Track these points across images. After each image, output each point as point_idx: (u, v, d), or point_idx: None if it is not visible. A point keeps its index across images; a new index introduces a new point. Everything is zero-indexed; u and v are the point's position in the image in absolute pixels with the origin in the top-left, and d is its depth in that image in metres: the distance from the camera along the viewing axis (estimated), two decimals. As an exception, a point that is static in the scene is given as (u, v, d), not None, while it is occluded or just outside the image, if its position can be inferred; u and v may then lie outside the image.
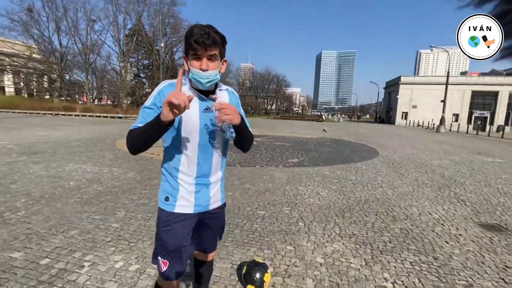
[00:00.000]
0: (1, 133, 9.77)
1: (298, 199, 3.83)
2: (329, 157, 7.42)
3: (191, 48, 1.05)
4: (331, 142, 11.50)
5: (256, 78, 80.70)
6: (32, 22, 32.44)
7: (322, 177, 5.13)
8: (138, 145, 1.05)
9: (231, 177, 4.83)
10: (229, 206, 3.40)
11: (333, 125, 27.98)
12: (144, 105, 1.11)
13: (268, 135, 13.22)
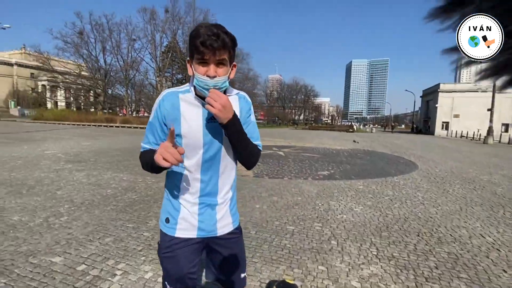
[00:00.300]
0: (53, 143, 10.82)
1: (330, 214, 3.63)
2: (362, 170, 7.03)
3: (196, 52, 0.90)
4: (364, 153, 10.95)
5: (284, 89, 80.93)
6: (82, 43, 36.23)
7: (355, 192, 4.84)
8: (151, 172, 1.01)
9: (259, 189, 4.76)
10: (257, 219, 3.32)
11: (365, 136, 26.79)
12: (149, 120, 1.03)
13: (296, 146, 13.00)
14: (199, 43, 0.88)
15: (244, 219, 3.32)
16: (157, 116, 0.99)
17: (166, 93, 1.01)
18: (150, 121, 1.02)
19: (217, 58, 0.91)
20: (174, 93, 1.00)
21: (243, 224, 3.17)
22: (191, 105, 0.98)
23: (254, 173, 6.10)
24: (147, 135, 1.03)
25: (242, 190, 4.66)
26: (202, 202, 1.04)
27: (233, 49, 0.95)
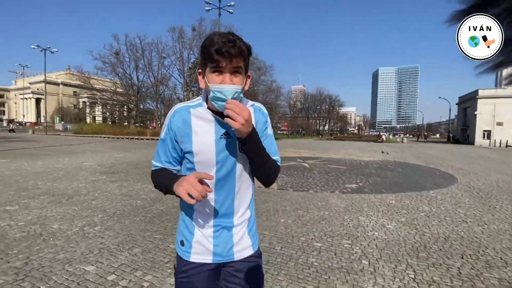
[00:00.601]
0: (90, 155, 11.63)
1: (360, 231, 3.42)
2: (394, 183, 6.63)
3: (210, 60, 0.84)
4: (395, 165, 10.36)
5: (308, 99, 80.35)
6: (118, 62, 39.23)
7: (387, 207, 4.55)
8: (163, 193, 0.96)
9: (283, 202, 4.66)
10: (282, 235, 3.23)
11: (395, 146, 25.46)
12: (160, 137, 0.98)
13: (321, 157, 12.68)
14: (213, 50, 0.82)
15: (268, 233, 3.25)
16: (168, 133, 0.94)
17: (177, 108, 0.95)
18: (161, 138, 0.97)
19: (233, 66, 0.85)
20: (185, 108, 0.94)
21: (268, 239, 3.10)
22: (203, 120, 0.93)
23: (278, 186, 6.01)
24: (158, 153, 0.98)
25: (266, 203, 4.60)
26: (217, 224, 0.97)
27: (248, 58, 0.90)
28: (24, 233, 3.12)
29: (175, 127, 0.93)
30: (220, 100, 0.84)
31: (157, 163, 0.99)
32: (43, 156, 10.79)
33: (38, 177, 6.42)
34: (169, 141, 0.95)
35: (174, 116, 0.94)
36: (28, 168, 7.70)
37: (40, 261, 2.48)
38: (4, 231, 3.16)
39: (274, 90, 47.58)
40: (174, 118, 0.93)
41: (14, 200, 4.45)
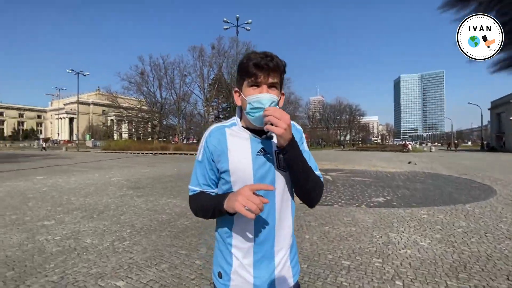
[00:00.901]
0: (117, 170, 12.20)
1: (391, 249, 3.24)
2: (424, 196, 6.26)
3: (248, 75, 0.85)
4: (425, 177, 9.82)
5: (327, 109, 79.43)
6: (143, 82, 41.56)
7: (419, 222, 4.29)
8: (205, 218, 0.93)
9: (307, 217, 4.55)
10: (307, 252, 3.14)
11: (423, 156, 24.20)
12: (196, 158, 0.95)
13: (344, 169, 12.32)
14: (252, 65, 0.84)
15: (294, 250, 3.17)
16: (205, 153, 0.92)
17: (212, 128, 0.95)
18: (198, 160, 0.94)
19: (270, 81, 0.85)
20: (220, 128, 0.94)
21: (294, 256, 3.01)
22: (238, 138, 0.91)
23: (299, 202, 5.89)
24: (196, 176, 0.95)
25: (290, 218, 4.51)
26: (257, 251, 0.89)
27: (283, 75, 0.91)
28: (59, 247, 3.29)
29: (211, 147, 0.91)
30: (257, 109, 0.83)
31: (195, 187, 0.95)
32: (75, 172, 11.48)
33: (72, 192, 6.81)
34: (206, 162, 0.92)
35: (209, 136, 0.92)
36: (63, 184, 8.20)
37: (75, 276, 2.59)
38: (42, 245, 3.35)
39: (292, 102, 47.68)
40: (210, 138, 0.92)
41: (50, 215, 4.73)
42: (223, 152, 0.89)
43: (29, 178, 9.43)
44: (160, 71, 41.69)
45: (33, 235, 3.68)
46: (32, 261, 2.89)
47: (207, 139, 0.93)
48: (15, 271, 2.66)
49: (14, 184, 8.01)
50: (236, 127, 0.93)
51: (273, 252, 0.91)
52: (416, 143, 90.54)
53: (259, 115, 0.83)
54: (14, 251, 3.14)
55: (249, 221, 0.87)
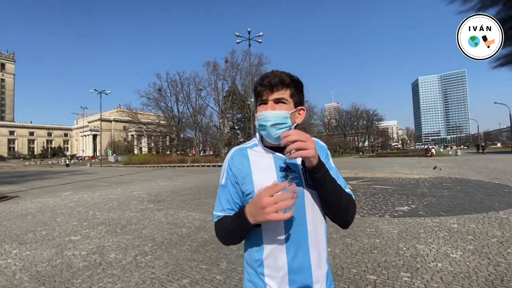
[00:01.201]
0: (138, 184, 12.56)
1: (419, 262, 3.07)
2: (453, 204, 5.92)
3: (256, 94, 0.88)
4: (452, 183, 9.31)
5: (343, 116, 78.20)
6: (160, 98, 43.23)
7: (448, 232, 4.05)
8: (234, 242, 0.85)
9: (328, 229, 4.37)
10: (331, 266, 3.03)
11: (448, 160, 23.01)
12: (220, 183, 0.92)
13: (364, 177, 11.95)
14: (257, 85, 0.87)
15: (316, 264, 3.08)
16: (228, 177, 0.89)
17: (234, 151, 0.93)
18: (222, 184, 0.91)
19: (275, 97, 0.85)
20: (242, 149, 0.92)
21: (316, 270, 2.92)
22: (261, 158, 0.88)
23: (321, 210, 5.75)
24: (220, 201, 0.90)
25: (310, 229, 4.41)
26: (293, 280, 0.82)
27: (296, 89, 0.88)
28: (86, 262, 3.40)
29: (234, 169, 0.88)
30: (263, 126, 0.83)
31: (219, 212, 0.90)
32: (99, 187, 11.94)
33: (96, 207, 7.07)
34: (230, 185, 0.89)
35: (232, 159, 0.91)
36: (88, 199, 8.55)
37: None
38: (70, 260, 3.48)
39: (306, 110, 47.51)
40: (233, 160, 0.90)
41: (77, 230, 4.93)
42: (247, 174, 0.86)
43: (57, 194, 9.92)
44: (177, 86, 43.25)
45: (61, 250, 3.84)
46: (61, 277, 3.00)
47: (229, 162, 0.91)
48: (45, 286, 2.77)
49: (44, 201, 8.45)
50: (258, 147, 0.92)
51: (310, 283, 0.83)
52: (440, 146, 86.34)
53: (263, 134, 0.86)
54: (44, 267, 3.29)
55: (279, 250, 0.82)
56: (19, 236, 4.64)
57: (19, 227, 5.22)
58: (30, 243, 4.23)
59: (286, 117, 0.83)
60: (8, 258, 3.59)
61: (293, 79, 0.88)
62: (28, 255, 3.71)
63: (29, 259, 3.54)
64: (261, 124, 0.84)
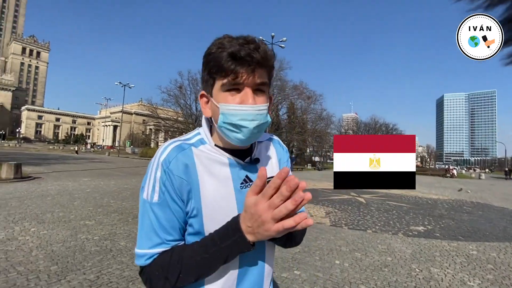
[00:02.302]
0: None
1: (433, 286, 2.92)
2: (473, 229, 5.61)
3: (221, 72, 0.56)
4: (473, 207, 8.83)
5: (361, 127, 76.59)
6: (180, 95, 44.19)
7: (466, 258, 3.83)
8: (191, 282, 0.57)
9: (338, 241, 4.31)
10: (337, 279, 2.95)
11: (470, 183, 21.90)
12: (149, 200, 0.58)
13: (379, 192, 11.59)
14: (227, 56, 0.55)
15: (322, 276, 3.01)
16: (166, 190, 0.57)
17: (172, 149, 0.60)
18: (155, 202, 0.58)
19: (256, 81, 0.57)
20: (183, 148, 0.61)
21: (322, 282, 2.86)
22: (213, 163, 0.62)
23: (331, 222, 5.63)
24: (153, 230, 0.57)
25: (318, 240, 4.32)
26: None
27: (273, 71, 0.63)
28: (97, 247, 3.51)
29: (176, 179, 0.58)
30: (237, 128, 0.57)
31: (155, 249, 0.57)
32: (115, 176, 12.33)
33: (111, 195, 7.30)
34: (171, 202, 0.58)
35: (169, 162, 0.58)
36: (104, 186, 8.84)
37: (109, 277, 2.73)
38: (83, 243, 3.60)
39: (324, 119, 46.90)
40: (172, 165, 0.58)
41: (91, 215, 5.10)
42: (194, 187, 0.59)
43: (76, 179, 10.34)
44: (197, 85, 44.06)
45: (76, 233, 3.98)
46: (73, 258, 3.11)
47: (165, 167, 0.58)
48: (58, 266, 2.88)
49: (64, 184, 8.84)
50: (206, 146, 0.64)
51: None
52: (462, 168, 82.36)
53: (237, 137, 0.58)
54: (59, 247, 3.42)
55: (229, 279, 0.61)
56: (38, 215, 4.87)
57: (39, 207, 5.48)
58: (48, 223, 4.43)
59: (267, 114, 0.60)
60: (26, 235, 3.77)
61: (273, 55, 0.61)
62: (45, 234, 3.88)
63: (46, 238, 3.70)
64: (236, 124, 0.57)
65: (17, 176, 9.15)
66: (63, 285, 2.49)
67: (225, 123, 0.58)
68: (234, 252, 0.54)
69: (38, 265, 2.87)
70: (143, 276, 0.57)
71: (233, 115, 0.57)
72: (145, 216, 0.59)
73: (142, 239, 0.58)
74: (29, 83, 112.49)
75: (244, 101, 0.57)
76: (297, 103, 44.06)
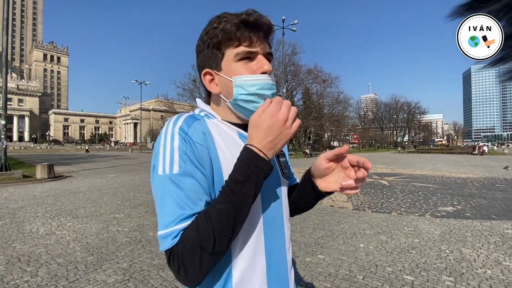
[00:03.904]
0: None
1: (465, 267, 2.81)
2: (507, 208, 5.30)
3: (233, 40, 0.55)
4: (506, 184, 8.33)
5: (381, 108, 73.74)
6: (195, 88, 44.55)
7: (501, 237, 3.64)
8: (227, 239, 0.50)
9: (361, 224, 4.25)
10: (363, 262, 2.92)
11: (504, 160, 20.60)
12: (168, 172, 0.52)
13: (403, 173, 11.21)
14: (239, 23, 0.54)
15: (347, 259, 2.99)
16: (188, 159, 0.52)
17: (186, 117, 0.57)
18: (176, 173, 0.51)
19: (267, 49, 0.59)
20: (197, 117, 0.59)
21: (347, 265, 2.84)
22: (225, 134, 0.60)
23: (353, 205, 5.54)
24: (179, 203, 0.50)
25: (340, 224, 4.28)
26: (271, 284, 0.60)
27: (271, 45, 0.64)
28: (128, 238, 3.70)
29: (197, 147, 0.54)
30: (258, 100, 0.57)
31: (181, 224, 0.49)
32: (139, 171, 12.85)
33: (137, 189, 7.63)
34: (195, 171, 0.52)
35: (189, 129, 0.55)
36: (130, 181, 9.25)
37: (141, 265, 2.88)
38: (114, 235, 3.81)
39: (341, 102, 45.54)
40: (190, 132, 0.54)
41: (120, 209, 5.37)
42: (213, 156, 0.55)
43: (103, 176, 10.90)
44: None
45: (107, 226, 4.22)
46: (107, 249, 3.31)
47: (183, 134, 0.54)
48: (94, 257, 3.08)
49: (93, 181, 9.35)
50: (215, 120, 0.62)
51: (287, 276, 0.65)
52: (494, 144, 77.45)
53: (258, 107, 0.54)
54: (93, 239, 3.65)
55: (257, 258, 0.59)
56: (72, 211, 5.20)
57: (72, 203, 5.85)
58: (81, 217, 4.72)
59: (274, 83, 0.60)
60: (63, 230, 4.05)
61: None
62: (80, 228, 4.14)
63: (81, 232, 3.95)
64: (256, 93, 0.56)
65: (50, 175, 9.79)
66: (99, 274, 2.66)
67: (243, 95, 0.57)
68: (260, 179, 0.51)
69: (75, 256, 3.09)
70: (174, 262, 0.49)
71: (253, 85, 0.56)
72: (166, 193, 0.51)
73: (165, 218, 0.50)
74: (53, 88, 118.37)
75: (260, 69, 0.57)
76: (312, 88, 43.03)
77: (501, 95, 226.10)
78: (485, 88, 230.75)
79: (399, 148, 56.57)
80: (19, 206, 5.56)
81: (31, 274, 2.66)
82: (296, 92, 42.00)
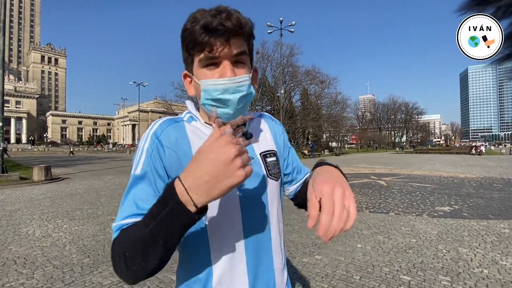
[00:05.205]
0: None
1: (461, 266, 2.82)
2: (504, 207, 5.32)
3: (196, 46, 0.54)
4: (503, 184, 8.37)
5: (379, 109, 73.95)
6: (193, 89, 44.65)
7: (497, 237, 3.65)
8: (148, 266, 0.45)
9: (359, 224, 4.25)
10: (360, 262, 2.92)
11: (500, 160, 20.71)
12: (134, 173, 0.54)
13: (400, 174, 11.24)
14: (199, 29, 0.52)
15: (344, 260, 2.99)
16: (151, 163, 0.54)
17: (164, 121, 0.60)
18: (137, 175, 0.53)
19: (233, 51, 0.54)
20: (175, 122, 0.60)
21: (344, 266, 2.84)
22: (205, 138, 0.50)
23: (352, 205, 5.54)
24: (133, 201, 0.51)
25: (339, 224, 4.28)
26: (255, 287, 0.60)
27: (252, 40, 0.59)
28: (125, 240, 3.68)
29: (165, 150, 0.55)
30: (223, 104, 0.54)
31: (128, 219, 0.50)
32: (137, 173, 12.81)
33: (134, 191, 7.60)
34: (155, 175, 0.53)
35: (161, 134, 0.56)
36: (127, 183, 9.20)
37: (137, 267, 2.86)
38: (112, 237, 3.79)
39: (339, 102, 45.65)
40: (161, 136, 0.56)
41: (117, 211, 5.31)
42: (185, 162, 0.52)
43: (101, 177, 10.85)
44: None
45: (104, 228, 4.20)
46: (103, 251, 3.29)
47: (153, 139, 0.56)
48: (90, 259, 3.06)
49: (90, 183, 9.30)
50: (197, 123, 0.62)
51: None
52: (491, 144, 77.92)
53: (223, 112, 0.55)
54: (89, 241, 3.63)
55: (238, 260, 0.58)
56: (69, 212, 5.17)
57: (69, 205, 5.82)
58: (78, 219, 4.69)
59: (250, 85, 0.57)
60: (60, 232, 4.02)
61: (251, 24, 0.57)
62: (76, 230, 4.12)
63: (77, 234, 3.93)
64: (218, 99, 0.54)
65: (47, 177, 9.73)
66: (95, 276, 2.65)
67: (208, 100, 0.55)
68: (175, 226, 0.43)
69: (71, 258, 3.07)
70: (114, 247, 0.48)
71: (214, 90, 0.54)
72: (130, 188, 0.53)
73: (120, 212, 0.52)
74: (50, 90, 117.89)
75: (224, 75, 0.54)
76: (311, 89, 43.09)
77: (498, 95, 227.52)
78: (482, 88, 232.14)
79: (397, 148, 56.72)
80: (16, 208, 5.52)
81: (27, 276, 2.64)
82: (294, 93, 42.17)
